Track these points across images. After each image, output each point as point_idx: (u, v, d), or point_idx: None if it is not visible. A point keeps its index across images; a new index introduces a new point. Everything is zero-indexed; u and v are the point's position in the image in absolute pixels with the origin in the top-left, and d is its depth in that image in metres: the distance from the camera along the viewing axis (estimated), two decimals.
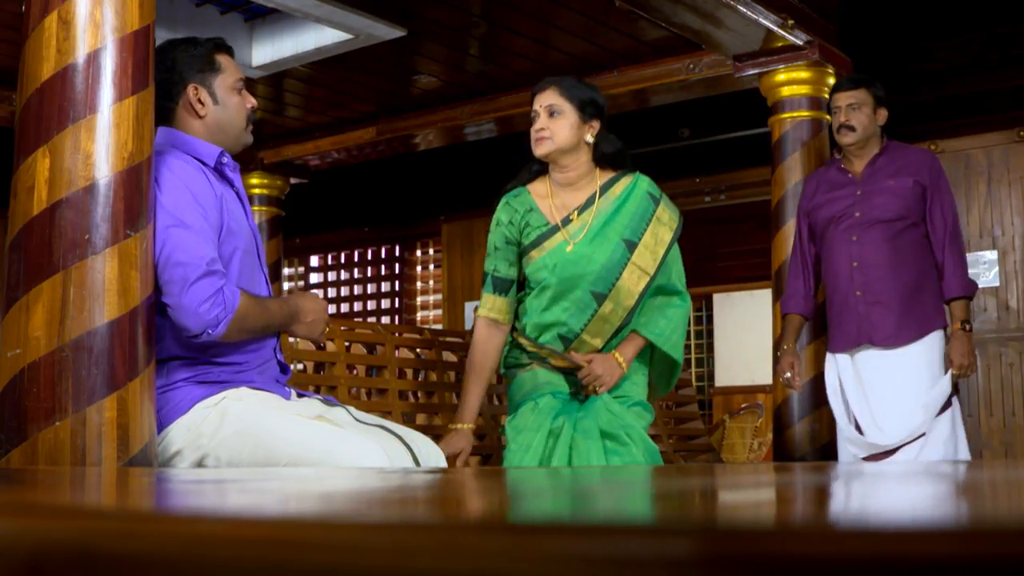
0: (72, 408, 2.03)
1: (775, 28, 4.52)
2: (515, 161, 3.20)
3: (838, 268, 3.89)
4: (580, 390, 2.96)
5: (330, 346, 3.39)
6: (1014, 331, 5.32)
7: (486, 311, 2.96)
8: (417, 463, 2.28)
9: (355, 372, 3.49)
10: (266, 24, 5.55)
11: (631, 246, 2.90)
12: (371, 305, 8.85)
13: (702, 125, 6.51)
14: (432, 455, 2.39)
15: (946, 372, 3.74)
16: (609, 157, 2.97)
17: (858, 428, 3.82)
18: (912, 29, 5.77)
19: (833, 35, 5.05)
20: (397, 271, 8.72)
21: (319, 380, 3.39)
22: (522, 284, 3.05)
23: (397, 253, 8.69)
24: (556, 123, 2.90)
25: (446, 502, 0.89)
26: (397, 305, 8.67)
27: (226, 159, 2.42)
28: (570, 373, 2.97)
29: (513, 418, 2.91)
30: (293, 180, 6.97)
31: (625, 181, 2.98)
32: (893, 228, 3.79)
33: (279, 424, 2.22)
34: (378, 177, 8.03)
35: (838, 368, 3.94)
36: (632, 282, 2.91)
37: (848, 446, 3.89)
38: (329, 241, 8.78)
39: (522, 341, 2.98)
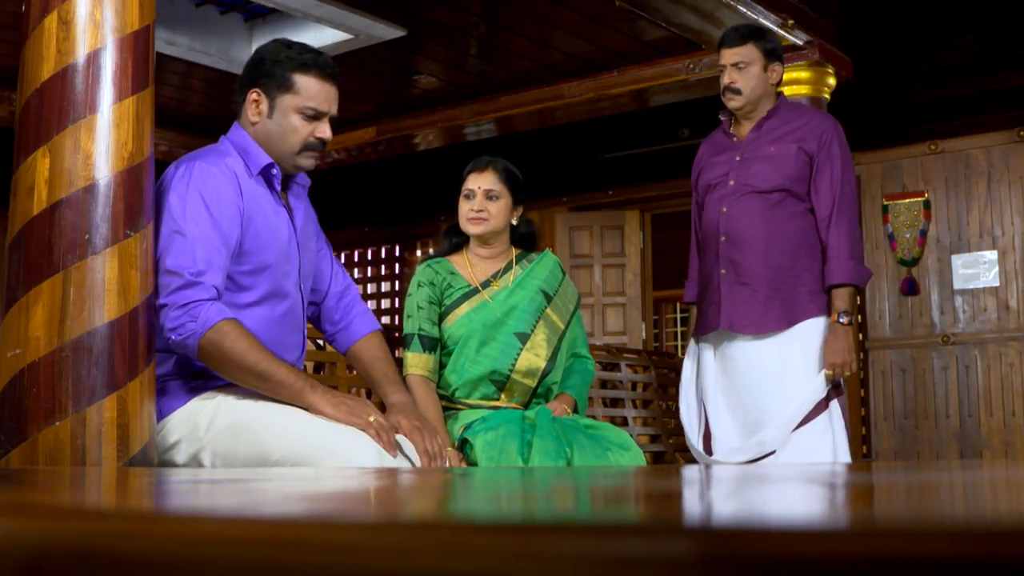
0: (72, 408, 2.03)
1: (775, 28, 4.53)
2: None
3: (706, 242, 3.45)
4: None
5: (330, 346, 3.39)
6: (1014, 331, 5.32)
7: (418, 369, 3.02)
8: (414, 462, 2.28)
9: (355, 372, 3.49)
10: (266, 24, 5.55)
11: (548, 297, 3.11)
12: (371, 305, 8.86)
13: (702, 125, 6.51)
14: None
15: (820, 371, 3.28)
16: (524, 237, 3.21)
17: (708, 437, 3.39)
18: (912, 29, 5.77)
19: (833, 35, 5.05)
20: (397, 271, 8.72)
21: (319, 380, 3.38)
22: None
23: (397, 253, 8.70)
24: (493, 206, 3.09)
25: (446, 502, 0.89)
26: (397, 305, 8.67)
27: (275, 171, 2.38)
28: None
29: (469, 431, 2.89)
30: None
31: (535, 255, 3.22)
32: (768, 200, 3.31)
33: (272, 418, 2.21)
34: (378, 177, 8.03)
35: (698, 359, 3.48)
36: (549, 328, 3.07)
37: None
38: (329, 241, 8.77)
39: (455, 406, 3.04)
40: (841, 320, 3.25)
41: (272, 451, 2.16)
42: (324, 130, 2.40)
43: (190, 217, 2.22)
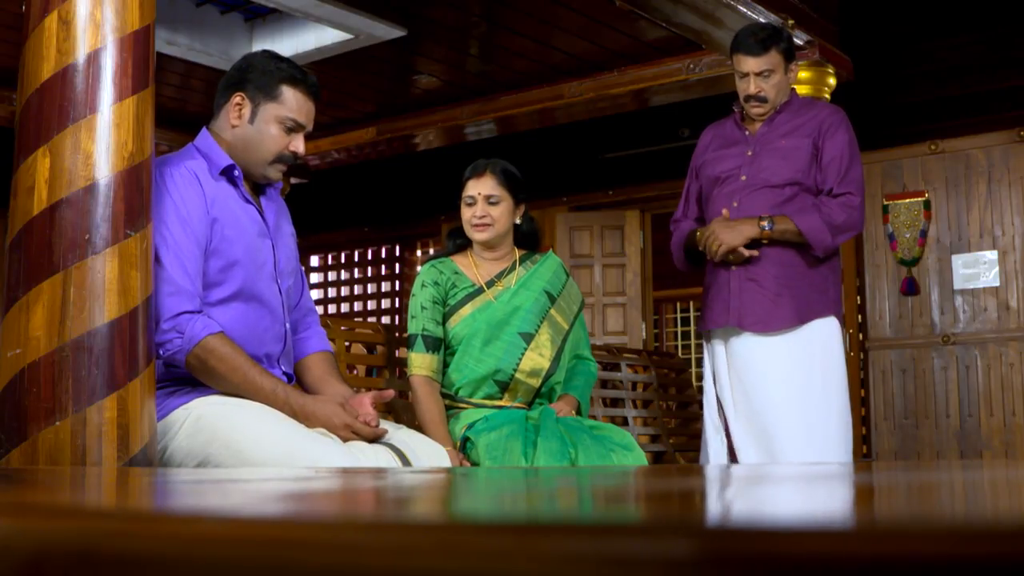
0: (72, 408, 2.03)
1: None
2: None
3: None
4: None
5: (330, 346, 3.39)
6: (1014, 331, 5.32)
7: (422, 370, 3.01)
8: (407, 465, 2.27)
9: (355, 372, 3.50)
10: (266, 24, 5.55)
11: (551, 298, 3.12)
12: (371, 305, 8.85)
13: (702, 125, 6.51)
14: (437, 460, 2.38)
15: (824, 386, 3.22)
16: (526, 235, 3.21)
17: (727, 430, 3.32)
18: (912, 30, 5.77)
19: (833, 35, 5.05)
20: (397, 271, 8.72)
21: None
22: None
23: (397, 253, 8.70)
24: (495, 210, 3.09)
25: (445, 502, 0.89)
26: (397, 305, 8.67)
27: (237, 172, 2.43)
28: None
29: (472, 430, 2.90)
30: (293, 180, 6.97)
31: (538, 256, 3.23)
32: (781, 195, 3.26)
33: (247, 424, 2.23)
34: (378, 177, 8.03)
35: (713, 357, 3.41)
36: (553, 329, 3.08)
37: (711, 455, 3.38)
38: (329, 241, 8.78)
39: (458, 405, 3.04)
40: (763, 225, 3.20)
41: (248, 459, 2.18)
42: (298, 144, 2.47)
43: (165, 225, 2.27)
